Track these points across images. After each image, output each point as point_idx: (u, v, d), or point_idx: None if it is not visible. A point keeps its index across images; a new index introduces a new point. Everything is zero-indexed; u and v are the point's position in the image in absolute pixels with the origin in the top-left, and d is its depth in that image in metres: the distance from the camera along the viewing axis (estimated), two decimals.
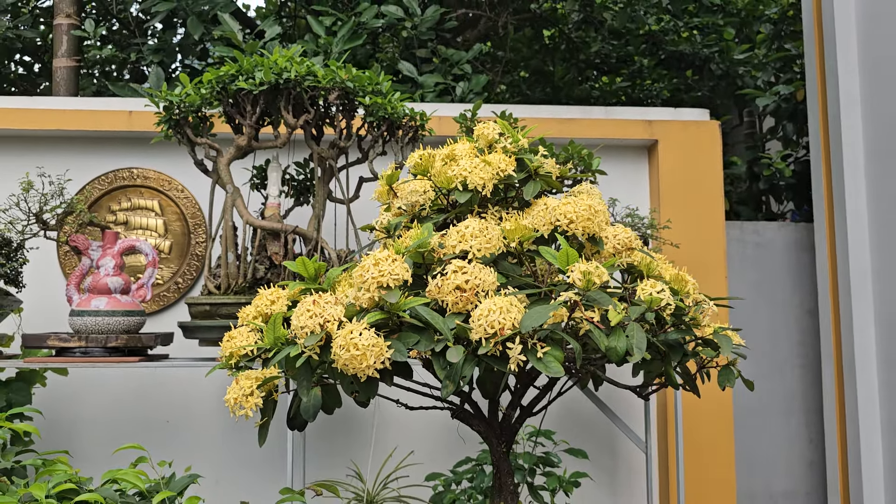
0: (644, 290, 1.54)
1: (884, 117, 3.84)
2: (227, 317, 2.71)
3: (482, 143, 1.82)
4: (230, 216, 2.77)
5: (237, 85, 2.64)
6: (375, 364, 1.46)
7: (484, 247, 1.58)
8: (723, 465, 3.30)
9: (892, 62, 3.77)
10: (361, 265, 1.52)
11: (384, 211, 1.98)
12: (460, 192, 1.69)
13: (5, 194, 3.09)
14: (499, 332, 1.40)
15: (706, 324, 1.70)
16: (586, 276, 1.44)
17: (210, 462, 3.21)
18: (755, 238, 4.90)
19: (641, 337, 1.48)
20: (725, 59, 5.35)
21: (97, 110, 3.26)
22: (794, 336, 4.88)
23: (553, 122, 3.37)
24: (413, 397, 1.90)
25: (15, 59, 4.84)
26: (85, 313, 2.73)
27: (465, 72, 3.81)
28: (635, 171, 3.52)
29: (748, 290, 4.81)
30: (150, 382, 3.27)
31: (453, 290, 1.50)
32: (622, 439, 3.29)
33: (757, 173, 5.30)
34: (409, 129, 2.84)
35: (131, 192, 3.35)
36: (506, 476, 1.83)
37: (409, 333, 1.51)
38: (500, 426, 1.86)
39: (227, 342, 1.79)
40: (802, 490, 4.83)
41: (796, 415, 4.85)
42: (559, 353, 1.42)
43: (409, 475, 2.99)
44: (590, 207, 1.65)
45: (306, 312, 1.54)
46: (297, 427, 1.81)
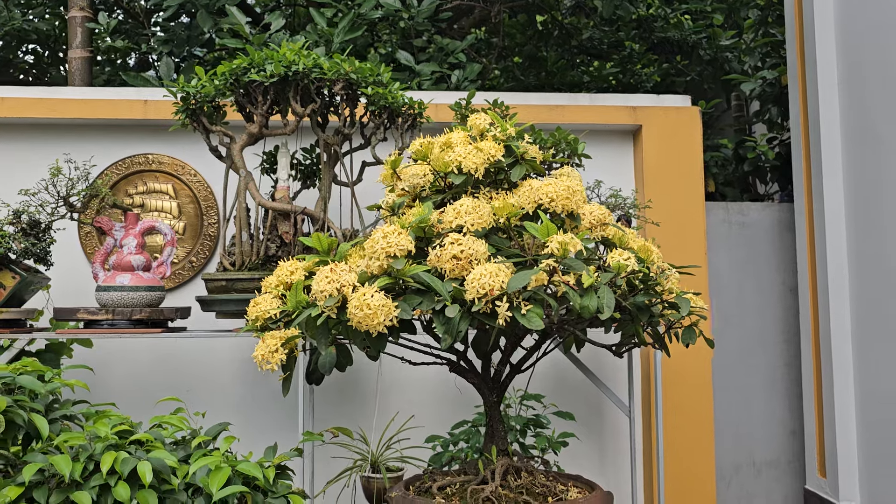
0: (613, 258, 1.85)
1: (860, 102, 4.13)
2: (242, 291, 3.01)
3: (475, 132, 2.12)
4: (244, 198, 3.07)
5: (249, 77, 2.92)
6: (385, 321, 1.77)
7: (476, 222, 1.88)
8: (702, 427, 3.61)
9: (868, 49, 4.06)
10: (372, 237, 1.83)
11: (388, 192, 2.28)
12: (456, 174, 1.99)
13: (30, 178, 3.37)
14: (489, 293, 1.71)
15: (670, 289, 2.01)
16: (563, 246, 1.75)
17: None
18: (740, 218, 5.21)
19: (610, 297, 1.78)
20: (713, 45, 5.63)
21: (115, 99, 3.54)
22: (777, 313, 5.20)
23: (543, 108, 3.66)
24: (415, 357, 2.20)
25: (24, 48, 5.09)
26: (111, 289, 3.03)
27: (461, 60, 4.09)
28: (620, 155, 3.82)
29: (734, 269, 5.13)
30: (168, 352, 3.57)
31: (450, 259, 1.81)
32: (608, 404, 3.60)
33: (743, 155, 5.60)
34: (409, 116, 3.13)
35: (147, 176, 3.64)
36: (497, 423, 2.15)
37: (412, 296, 1.81)
38: (491, 380, 2.17)
39: (254, 307, 2.09)
40: (784, 459, 5.17)
41: (779, 387, 5.19)
42: (540, 310, 1.73)
43: (410, 437, 3.30)
44: (568, 188, 1.95)
45: (325, 279, 1.84)
46: (315, 381, 2.12)
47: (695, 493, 3.56)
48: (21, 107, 3.51)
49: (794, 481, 5.17)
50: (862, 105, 4.09)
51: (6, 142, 3.62)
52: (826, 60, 4.34)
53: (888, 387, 3.83)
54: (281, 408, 3.51)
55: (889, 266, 3.82)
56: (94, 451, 1.71)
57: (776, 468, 5.18)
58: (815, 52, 4.37)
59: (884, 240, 3.86)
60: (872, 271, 3.98)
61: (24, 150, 3.62)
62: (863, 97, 4.07)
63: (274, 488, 1.81)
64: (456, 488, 2.12)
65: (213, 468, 1.75)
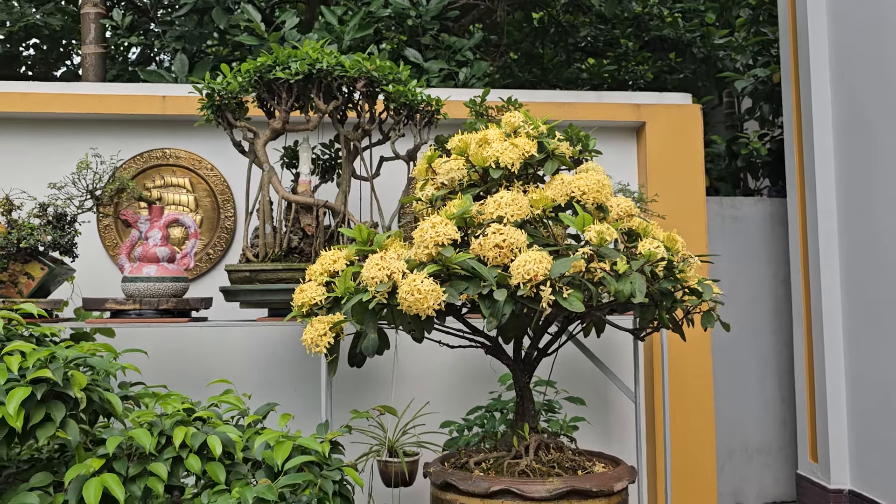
0: (644, 247, 2.02)
1: (852, 98, 4.35)
2: (265, 282, 3.15)
3: (508, 129, 2.29)
4: (267, 191, 3.20)
5: (275, 74, 3.06)
6: (434, 305, 1.92)
7: (516, 213, 2.05)
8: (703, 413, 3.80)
9: (860, 46, 4.27)
10: (421, 227, 1.98)
11: (421, 186, 2.44)
12: (494, 169, 2.16)
13: (50, 172, 3.48)
14: (534, 278, 1.87)
15: (691, 276, 2.19)
16: (600, 235, 1.92)
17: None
18: (733, 212, 5.44)
19: (642, 283, 1.96)
20: (707, 43, 5.84)
21: (134, 95, 3.66)
22: (769, 304, 5.44)
23: (551, 105, 3.83)
24: (453, 341, 2.36)
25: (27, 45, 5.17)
26: (138, 279, 3.15)
27: (468, 58, 4.25)
28: (625, 151, 4.01)
29: (727, 262, 5.36)
30: (188, 341, 3.69)
31: (493, 248, 1.97)
32: (614, 390, 3.79)
33: (735, 152, 5.82)
34: (426, 113, 3.29)
35: (164, 170, 3.76)
36: (528, 402, 2.32)
37: (458, 282, 1.98)
38: (522, 362, 2.34)
39: (300, 294, 2.24)
40: (776, 446, 5.41)
41: (770, 377, 5.43)
42: (580, 294, 1.90)
43: (425, 423, 3.46)
44: (598, 181, 2.12)
45: (375, 266, 2.00)
46: (357, 364, 2.27)
47: (696, 476, 3.76)
48: (41, 102, 3.61)
49: (785, 467, 5.41)
50: (854, 101, 4.31)
51: (27, 136, 3.72)
52: (819, 57, 4.56)
53: (877, 374, 4.06)
54: (298, 395, 3.65)
55: (880, 258, 4.04)
56: (164, 427, 1.85)
57: (768, 454, 5.42)
58: (808, 49, 4.58)
59: (875, 233, 4.09)
60: (863, 264, 4.21)
61: (42, 145, 3.72)
62: (855, 93, 4.29)
63: (329, 461, 1.97)
64: (490, 463, 2.29)
65: (275, 443, 1.90)
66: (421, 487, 3.41)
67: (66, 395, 1.76)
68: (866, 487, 4.18)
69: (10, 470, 2.07)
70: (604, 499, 2.13)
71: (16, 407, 1.64)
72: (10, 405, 1.64)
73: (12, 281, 3.17)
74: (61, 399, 1.76)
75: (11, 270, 3.13)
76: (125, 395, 2.06)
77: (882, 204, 4.02)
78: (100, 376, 1.84)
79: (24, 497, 1.65)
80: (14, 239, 3.05)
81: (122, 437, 1.78)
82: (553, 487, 2.07)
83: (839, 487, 4.35)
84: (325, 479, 1.91)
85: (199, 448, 1.85)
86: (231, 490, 1.75)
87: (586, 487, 2.09)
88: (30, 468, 2.05)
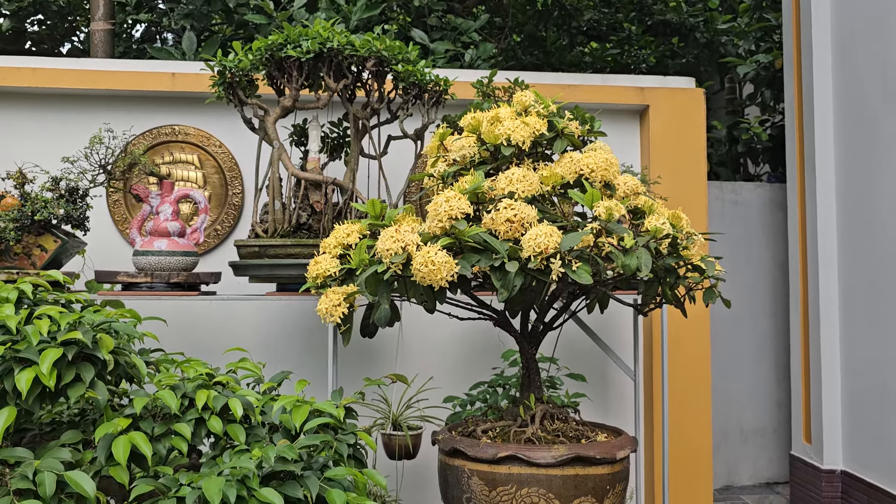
0: (650, 223, 2.11)
1: (854, 85, 4.43)
2: (274, 256, 3.23)
3: (519, 108, 2.37)
4: (277, 168, 3.28)
5: (286, 52, 3.13)
6: (447, 276, 2.01)
7: (527, 189, 2.13)
8: (700, 390, 3.91)
9: (861, 35, 4.35)
10: (435, 201, 2.07)
11: (433, 163, 2.52)
12: (505, 146, 2.24)
13: (60, 147, 3.55)
14: (544, 251, 1.96)
15: (695, 253, 2.28)
16: (608, 211, 2.01)
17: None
18: (733, 197, 5.54)
19: (648, 258, 2.05)
20: (710, 28, 5.91)
21: (144, 72, 3.72)
22: (766, 287, 5.55)
23: (556, 87, 3.91)
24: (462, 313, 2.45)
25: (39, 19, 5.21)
26: (149, 253, 3.23)
27: (473, 39, 4.32)
28: (628, 133, 4.09)
29: (726, 246, 5.46)
30: (198, 314, 3.78)
31: (505, 222, 2.06)
32: (613, 368, 3.89)
33: (736, 137, 5.91)
34: (434, 93, 3.36)
35: (173, 147, 3.83)
36: (534, 374, 2.41)
37: (470, 254, 2.06)
38: (529, 334, 2.43)
39: (314, 265, 2.33)
40: (770, 427, 5.54)
41: (766, 359, 5.55)
42: (588, 268, 1.99)
43: (428, 398, 3.55)
44: (607, 160, 2.21)
45: (390, 238, 2.08)
46: (369, 334, 2.36)
47: (693, 454, 3.87)
48: (52, 77, 3.68)
49: (779, 448, 5.54)
50: (855, 89, 4.39)
51: (38, 112, 3.79)
52: (821, 44, 4.64)
53: (872, 356, 4.17)
54: (305, 368, 3.73)
55: (877, 245, 4.14)
56: (186, 390, 1.94)
57: (762, 436, 5.55)
58: (811, 36, 4.66)
59: (873, 220, 4.18)
60: (860, 250, 4.30)
61: (53, 120, 3.79)
62: (856, 81, 4.37)
63: (344, 426, 2.06)
64: (497, 432, 2.38)
65: (292, 407, 1.99)
66: (424, 460, 3.52)
67: (94, 357, 1.85)
68: (858, 468, 4.30)
69: (34, 431, 2.16)
70: (606, 466, 2.23)
71: (49, 367, 1.73)
72: (43, 365, 1.72)
73: (26, 253, 3.24)
74: (90, 361, 1.84)
75: (25, 242, 3.21)
76: (146, 361, 2.15)
77: (881, 191, 4.12)
78: (124, 341, 1.92)
79: (58, 452, 1.74)
80: (28, 211, 3.12)
81: (149, 399, 1.87)
82: (558, 454, 2.17)
83: (832, 468, 4.47)
84: (340, 442, 2.01)
85: (220, 411, 1.94)
86: (252, 450, 1.84)
87: (590, 455, 2.19)
88: (51, 431, 2.14)
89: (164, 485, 1.77)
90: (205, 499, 1.67)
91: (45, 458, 1.71)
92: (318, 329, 3.79)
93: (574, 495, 2.16)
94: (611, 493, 2.23)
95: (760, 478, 5.54)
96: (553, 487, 2.16)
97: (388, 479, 3.67)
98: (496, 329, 2.63)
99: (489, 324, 2.55)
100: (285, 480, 1.84)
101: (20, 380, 1.72)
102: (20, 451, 1.76)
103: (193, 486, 1.74)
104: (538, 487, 2.16)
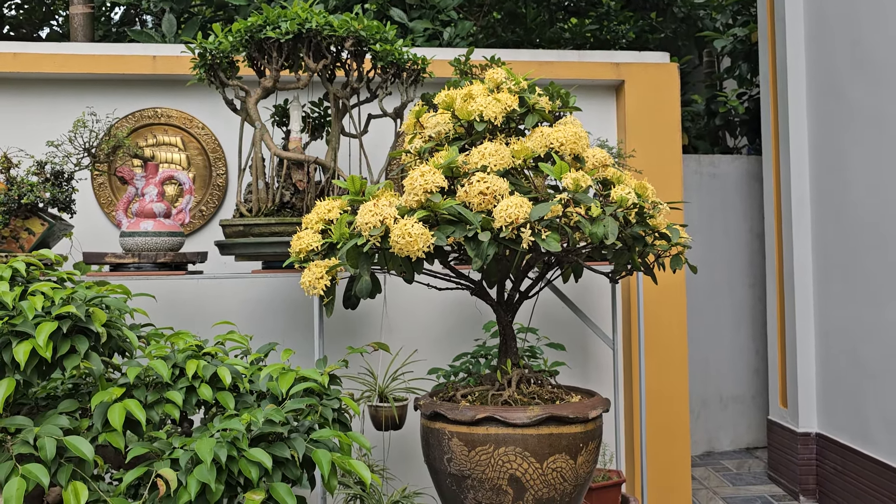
0: (616, 193, 2.23)
1: (825, 58, 4.56)
2: (258, 235, 3.33)
3: (491, 85, 2.47)
4: (259, 148, 3.37)
5: (265, 34, 3.21)
6: (423, 248, 2.13)
7: (499, 163, 2.24)
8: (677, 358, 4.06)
9: (832, 8, 4.46)
10: (411, 175, 2.18)
11: (410, 140, 2.62)
12: (478, 122, 2.35)
13: (44, 131, 3.62)
14: (515, 221, 2.08)
15: (661, 221, 2.40)
16: (576, 182, 2.12)
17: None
18: (711, 170, 5.67)
19: (614, 226, 2.17)
20: (687, 3, 6.01)
21: (125, 55, 3.79)
22: (744, 258, 5.71)
23: (533, 64, 4.00)
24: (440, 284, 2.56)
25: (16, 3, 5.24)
26: (136, 234, 3.32)
27: (452, 18, 4.40)
28: (605, 108, 4.20)
29: (704, 217, 5.60)
30: (185, 293, 3.88)
31: (478, 194, 2.17)
32: (592, 337, 4.03)
33: (714, 110, 6.03)
34: (413, 71, 3.45)
35: (156, 129, 3.91)
36: (510, 341, 2.54)
37: (445, 226, 2.18)
38: (505, 303, 2.55)
39: (297, 240, 2.44)
40: (749, 394, 5.73)
41: (744, 328, 5.72)
42: (557, 236, 2.11)
43: (413, 371, 3.68)
44: (575, 133, 2.32)
45: (369, 212, 2.19)
46: (352, 306, 2.47)
47: (671, 420, 4.02)
48: (32, 62, 3.74)
49: (758, 414, 5.73)
50: (827, 61, 4.51)
51: (18, 96, 3.85)
52: (794, 17, 4.75)
53: (844, 323, 4.33)
54: (291, 342, 3.84)
55: (849, 215, 4.29)
56: (177, 360, 2.05)
57: (741, 403, 5.73)
58: (784, 9, 4.77)
59: (844, 190, 4.33)
60: (833, 220, 4.45)
61: (34, 104, 3.86)
62: (828, 53, 4.50)
63: (328, 391, 2.18)
64: (476, 396, 2.51)
65: (278, 374, 2.11)
66: (410, 430, 3.65)
67: (87, 330, 1.96)
68: (832, 430, 4.48)
69: (30, 405, 2.27)
70: (579, 425, 2.36)
71: (45, 339, 1.83)
72: (39, 337, 1.83)
73: (13, 236, 3.33)
74: (84, 334, 1.95)
75: (13, 226, 3.29)
76: (138, 335, 2.26)
77: (851, 162, 4.25)
78: (115, 315, 2.03)
79: (56, 419, 1.85)
80: (15, 195, 3.21)
81: (141, 368, 1.98)
82: (533, 414, 2.30)
83: (807, 431, 4.65)
84: (325, 406, 2.13)
85: (209, 379, 2.05)
86: (241, 415, 1.96)
87: (563, 414, 2.32)
88: (46, 405, 2.25)
89: (159, 448, 1.89)
90: (197, 459, 1.79)
91: (45, 426, 1.83)
92: (305, 304, 3.90)
93: (549, 453, 2.30)
94: (584, 450, 2.37)
95: (740, 443, 5.73)
96: (529, 446, 2.29)
97: (375, 449, 3.80)
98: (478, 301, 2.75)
99: (472, 296, 2.66)
100: (273, 442, 1.96)
101: (18, 352, 1.83)
102: (20, 420, 1.87)
103: (186, 448, 1.85)
104: (514, 446, 2.29)
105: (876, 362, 4.03)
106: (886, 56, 3.91)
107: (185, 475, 1.81)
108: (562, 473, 2.34)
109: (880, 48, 3.97)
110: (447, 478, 2.43)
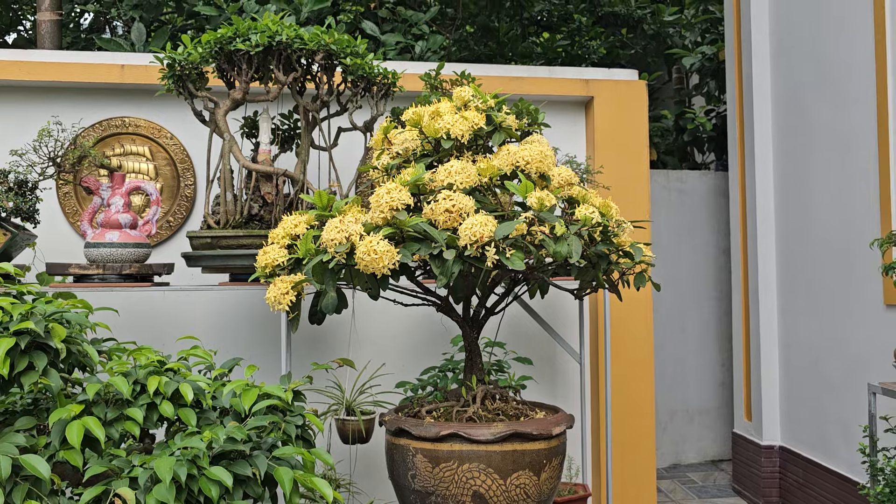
0: (580, 212, 2.25)
1: (789, 76, 4.64)
2: (226, 247, 3.31)
3: (459, 103, 2.49)
4: (228, 160, 3.35)
5: (235, 46, 3.20)
6: (389, 265, 2.13)
7: (465, 181, 2.25)
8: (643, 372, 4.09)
9: (797, 26, 4.56)
10: (377, 193, 2.18)
11: (377, 156, 2.63)
12: (445, 140, 2.36)
13: (6, 139, 3.57)
14: (480, 239, 2.09)
15: (625, 240, 2.42)
16: (540, 201, 2.14)
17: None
18: (679, 185, 5.74)
19: (578, 245, 2.19)
20: (657, 20, 6.09)
21: (93, 63, 3.75)
22: (711, 272, 5.78)
23: (504, 79, 4.03)
24: (406, 300, 2.57)
25: None
26: (101, 245, 3.29)
27: (424, 31, 4.42)
28: (574, 124, 4.24)
29: (672, 232, 5.67)
30: (151, 305, 3.84)
31: (444, 212, 2.18)
32: (559, 352, 4.05)
33: (683, 126, 6.11)
34: (383, 85, 3.46)
35: (124, 138, 3.87)
36: (476, 357, 2.55)
37: (411, 243, 2.18)
38: (471, 319, 2.56)
39: (263, 255, 2.43)
40: (714, 407, 5.79)
41: (711, 342, 5.79)
42: (521, 255, 2.12)
43: (381, 384, 3.67)
44: (541, 152, 2.34)
45: (335, 228, 2.19)
46: (317, 321, 2.47)
47: (637, 433, 4.05)
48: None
49: (723, 426, 5.79)
50: (791, 80, 4.60)
51: None
52: (760, 36, 4.85)
53: (807, 339, 4.40)
54: (258, 356, 3.82)
55: (812, 231, 4.36)
56: (138, 376, 2.03)
57: (707, 415, 5.79)
58: (751, 28, 4.86)
59: (807, 207, 4.41)
60: (797, 236, 4.53)
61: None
62: (792, 73, 4.59)
63: (292, 408, 2.17)
64: (441, 412, 2.52)
65: (242, 390, 2.10)
66: (377, 444, 3.64)
67: (46, 346, 1.93)
68: (795, 443, 4.54)
69: None
70: (543, 441, 2.38)
71: (1, 355, 1.80)
72: None
73: None
74: (42, 349, 1.92)
75: None
76: (99, 350, 2.23)
77: (814, 179, 4.33)
78: (76, 330, 2.00)
79: (12, 437, 1.82)
80: None
81: (101, 385, 1.95)
82: (497, 431, 2.31)
83: (771, 444, 4.71)
84: (288, 423, 2.12)
85: (171, 396, 2.04)
86: (202, 432, 1.94)
87: (527, 431, 2.34)
88: (3, 421, 2.21)
89: (118, 466, 1.86)
90: (157, 478, 1.77)
91: (0, 444, 1.80)
92: (272, 318, 3.88)
93: (512, 469, 2.31)
94: (547, 466, 2.38)
95: (706, 455, 5.78)
96: (492, 462, 2.30)
97: (342, 463, 3.79)
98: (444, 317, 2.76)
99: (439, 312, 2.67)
100: (235, 460, 1.95)
101: None
102: None
103: (146, 466, 1.83)
104: (478, 463, 2.30)
105: (837, 376, 4.10)
106: (849, 75, 4.00)
107: (143, 494, 1.79)
108: (525, 490, 2.35)
109: (843, 68, 4.06)
110: (412, 494, 2.43)
